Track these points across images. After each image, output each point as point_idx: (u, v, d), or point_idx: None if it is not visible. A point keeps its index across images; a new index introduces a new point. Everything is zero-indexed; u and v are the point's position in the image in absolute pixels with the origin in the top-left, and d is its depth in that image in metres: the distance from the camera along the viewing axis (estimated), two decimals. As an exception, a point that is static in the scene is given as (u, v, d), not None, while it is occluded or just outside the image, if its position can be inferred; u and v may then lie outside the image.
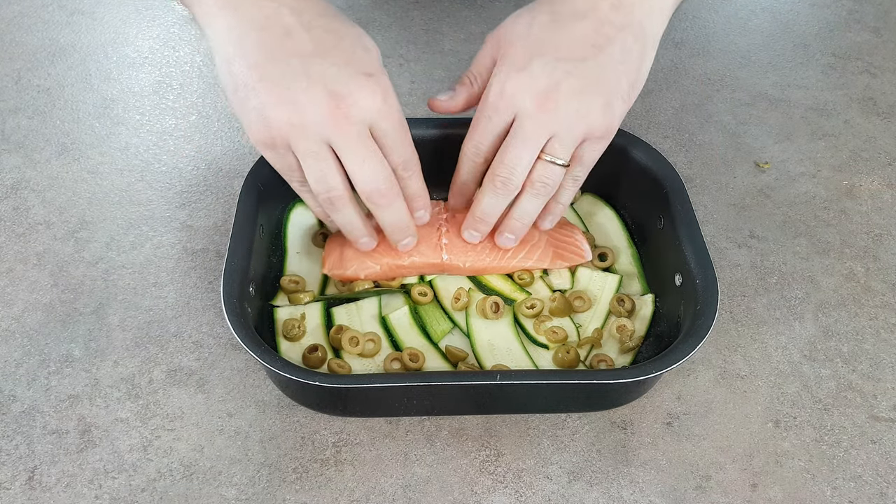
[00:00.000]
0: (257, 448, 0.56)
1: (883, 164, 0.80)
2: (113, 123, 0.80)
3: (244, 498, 0.53)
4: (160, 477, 0.54)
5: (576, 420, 0.58)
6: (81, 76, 0.85)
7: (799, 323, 0.66)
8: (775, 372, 0.62)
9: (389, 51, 0.90)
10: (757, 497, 0.55)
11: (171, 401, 0.58)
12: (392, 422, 0.58)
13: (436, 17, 0.96)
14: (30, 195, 0.72)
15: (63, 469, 0.54)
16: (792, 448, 0.58)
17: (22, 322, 0.63)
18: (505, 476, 0.55)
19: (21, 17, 0.92)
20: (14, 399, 0.58)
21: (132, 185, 0.73)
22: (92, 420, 0.57)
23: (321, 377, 0.51)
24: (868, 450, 0.58)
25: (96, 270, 0.66)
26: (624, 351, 0.60)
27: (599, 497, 0.54)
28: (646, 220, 0.68)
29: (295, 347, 0.59)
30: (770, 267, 0.70)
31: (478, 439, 0.57)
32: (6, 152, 0.76)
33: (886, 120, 0.85)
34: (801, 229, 0.73)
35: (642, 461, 0.56)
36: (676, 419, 0.59)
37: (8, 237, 0.69)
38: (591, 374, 0.56)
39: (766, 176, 0.78)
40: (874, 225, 0.74)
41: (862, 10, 1.01)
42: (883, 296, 0.68)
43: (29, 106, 0.81)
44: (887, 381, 0.62)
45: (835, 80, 0.90)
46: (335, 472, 0.55)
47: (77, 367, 0.60)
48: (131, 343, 0.61)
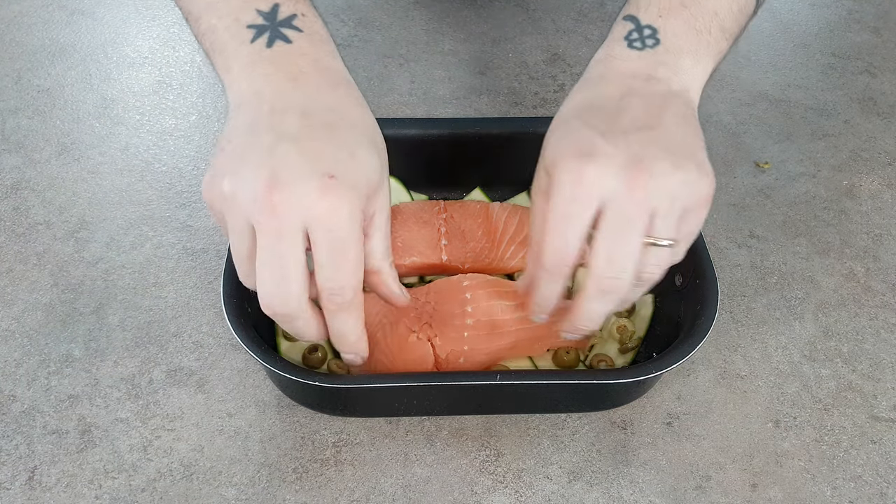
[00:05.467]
0: (257, 448, 0.56)
1: (883, 164, 0.80)
2: (113, 123, 0.80)
3: (244, 498, 0.53)
4: (160, 477, 0.54)
5: (576, 420, 0.58)
6: (81, 76, 0.85)
7: (799, 323, 0.66)
8: (775, 372, 0.62)
9: (389, 51, 0.90)
10: (757, 497, 0.55)
11: (171, 401, 0.58)
12: (392, 422, 0.58)
13: (436, 17, 0.96)
14: (30, 195, 0.72)
15: (63, 469, 0.54)
16: (792, 448, 0.58)
17: (22, 322, 0.63)
18: (505, 476, 0.55)
19: (21, 17, 0.92)
20: (14, 399, 0.58)
21: (132, 185, 0.73)
22: (92, 420, 0.57)
23: (321, 377, 0.51)
24: (868, 450, 0.58)
25: (96, 270, 0.66)
26: (624, 351, 0.60)
27: (599, 497, 0.54)
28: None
29: (295, 348, 0.59)
30: (770, 267, 0.70)
31: (478, 439, 0.57)
32: (6, 152, 0.76)
33: (886, 120, 0.85)
34: (801, 229, 0.73)
35: (642, 461, 0.56)
36: (676, 419, 0.59)
37: (8, 237, 0.69)
38: (591, 374, 0.56)
39: (766, 176, 0.78)
40: (874, 225, 0.74)
41: (862, 10, 1.01)
42: (883, 296, 0.68)
43: (29, 106, 0.81)
44: (887, 381, 0.62)
45: (835, 80, 0.90)
46: (335, 472, 0.55)
47: (77, 367, 0.60)
48: (131, 343, 0.61)
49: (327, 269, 0.46)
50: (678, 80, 0.50)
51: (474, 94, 0.85)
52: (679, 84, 0.50)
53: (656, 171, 0.45)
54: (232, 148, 0.47)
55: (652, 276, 0.48)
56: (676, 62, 0.50)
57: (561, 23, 0.96)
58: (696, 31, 0.51)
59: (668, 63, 0.50)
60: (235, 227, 0.46)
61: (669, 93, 0.49)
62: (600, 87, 0.50)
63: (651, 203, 0.46)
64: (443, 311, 0.57)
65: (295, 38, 0.50)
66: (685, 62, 0.51)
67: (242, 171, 0.45)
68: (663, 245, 0.47)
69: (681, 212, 0.47)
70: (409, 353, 0.56)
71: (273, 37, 0.49)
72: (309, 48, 0.50)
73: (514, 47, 0.92)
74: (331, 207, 0.45)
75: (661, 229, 0.46)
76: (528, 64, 0.90)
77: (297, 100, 0.48)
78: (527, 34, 0.93)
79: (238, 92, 0.49)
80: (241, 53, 0.49)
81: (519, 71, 0.89)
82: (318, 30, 0.51)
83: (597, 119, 0.48)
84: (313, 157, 0.45)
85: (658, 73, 0.50)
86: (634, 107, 0.48)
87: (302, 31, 0.50)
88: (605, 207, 0.46)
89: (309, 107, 0.47)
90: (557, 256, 0.48)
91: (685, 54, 0.51)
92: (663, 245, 0.47)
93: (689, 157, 0.47)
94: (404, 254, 0.62)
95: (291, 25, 0.50)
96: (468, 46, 0.92)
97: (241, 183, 0.45)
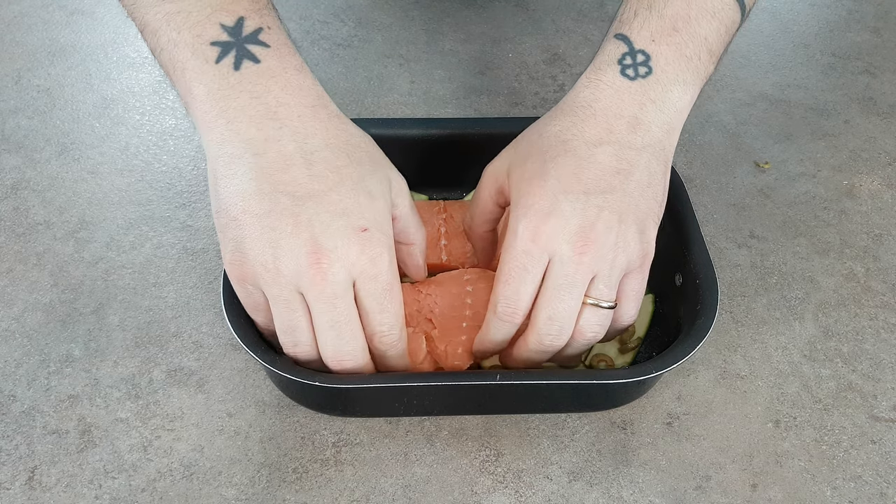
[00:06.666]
0: (257, 448, 0.56)
1: (883, 164, 0.80)
2: (113, 123, 0.80)
3: (244, 498, 0.53)
4: (160, 477, 0.54)
5: (576, 420, 0.58)
6: (81, 76, 0.85)
7: (799, 323, 0.66)
8: (775, 372, 0.62)
9: (389, 51, 0.90)
10: (757, 497, 0.55)
11: (171, 401, 0.58)
12: (392, 422, 0.58)
13: (436, 17, 0.96)
14: (30, 195, 0.72)
15: (63, 469, 0.54)
16: (792, 448, 0.58)
17: (22, 322, 0.63)
18: (505, 476, 0.55)
19: (21, 17, 0.92)
20: (14, 399, 0.58)
21: (132, 185, 0.73)
22: (92, 420, 0.57)
23: (321, 377, 0.51)
24: (868, 450, 0.58)
25: (96, 270, 0.66)
26: (624, 351, 0.60)
27: (599, 497, 0.54)
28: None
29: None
30: (770, 267, 0.70)
31: (478, 439, 0.57)
32: (6, 152, 0.76)
33: (886, 120, 0.85)
34: (801, 229, 0.73)
35: (642, 461, 0.56)
36: (676, 419, 0.59)
37: (8, 237, 0.69)
38: (591, 374, 0.56)
39: (766, 176, 0.78)
40: (874, 225, 0.74)
41: (862, 10, 1.01)
42: (883, 296, 0.68)
43: (29, 106, 0.81)
44: (887, 381, 0.62)
45: (835, 80, 0.90)
46: (335, 472, 0.55)
47: (77, 367, 0.60)
48: (131, 343, 0.61)
49: (378, 315, 0.49)
50: (662, 119, 0.52)
51: (474, 94, 0.85)
52: (661, 127, 0.52)
53: (602, 240, 0.49)
54: (251, 217, 0.46)
55: (595, 335, 0.52)
56: (665, 95, 0.52)
57: (561, 23, 0.96)
58: (687, 58, 0.52)
59: (657, 99, 0.52)
60: (280, 297, 0.47)
61: (645, 146, 0.51)
62: (582, 123, 0.52)
63: (593, 267, 0.49)
64: (444, 303, 0.57)
65: (263, 55, 0.48)
66: (674, 93, 0.52)
67: (279, 242, 0.46)
68: (604, 306, 0.51)
69: (621, 275, 0.51)
70: None
71: (240, 56, 0.48)
72: (279, 67, 0.48)
73: (514, 47, 0.92)
74: (372, 259, 0.47)
75: (602, 291, 0.50)
76: (528, 64, 0.90)
77: (290, 145, 0.47)
78: (527, 34, 0.93)
79: (219, 135, 0.48)
80: (206, 75, 0.48)
81: (519, 71, 0.89)
82: (285, 41, 0.50)
83: (564, 168, 0.50)
84: (340, 213, 0.47)
85: (644, 116, 0.51)
86: (603, 160, 0.50)
87: (269, 46, 0.48)
88: (552, 266, 0.49)
89: (305, 150, 0.47)
90: (509, 306, 0.51)
91: (675, 84, 0.52)
92: (604, 306, 0.51)
93: (635, 223, 0.50)
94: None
95: (258, 41, 0.48)
96: (468, 46, 0.92)
97: (282, 256, 0.46)
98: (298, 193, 0.46)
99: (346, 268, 0.46)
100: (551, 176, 0.50)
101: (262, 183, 0.46)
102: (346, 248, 0.46)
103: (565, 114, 0.53)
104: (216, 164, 0.48)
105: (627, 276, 0.52)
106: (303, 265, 0.46)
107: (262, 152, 0.47)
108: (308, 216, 0.46)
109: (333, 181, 0.47)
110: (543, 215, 0.49)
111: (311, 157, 0.47)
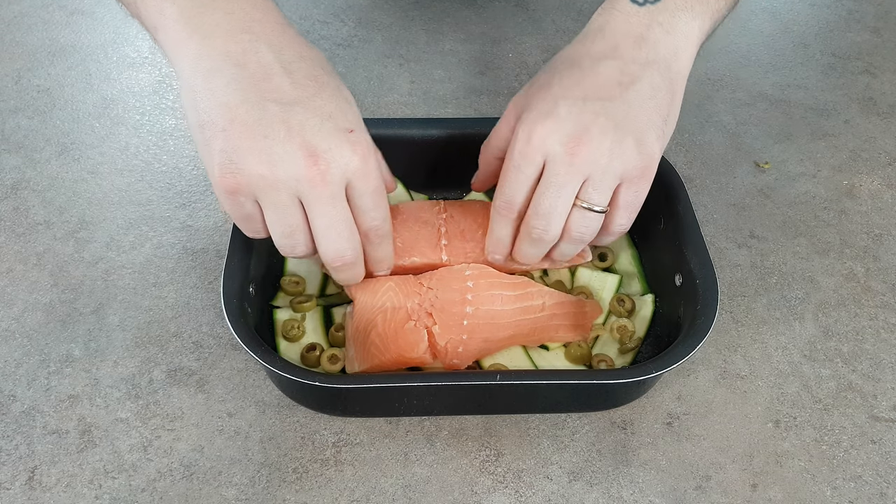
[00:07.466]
0: (257, 448, 0.56)
1: (883, 164, 0.80)
2: (113, 123, 0.80)
3: (244, 498, 0.53)
4: (160, 477, 0.54)
5: (576, 420, 0.58)
6: (81, 76, 0.85)
7: (799, 323, 0.66)
8: (775, 372, 0.62)
9: (389, 51, 0.90)
10: (757, 497, 0.55)
11: (171, 401, 0.58)
12: (392, 422, 0.58)
13: (436, 17, 0.96)
14: (30, 195, 0.72)
15: (63, 469, 0.54)
16: (792, 448, 0.58)
17: (22, 322, 0.63)
18: (505, 476, 0.55)
19: (21, 17, 0.92)
20: (14, 399, 0.58)
21: (132, 185, 0.73)
22: (92, 420, 0.57)
23: (321, 377, 0.51)
24: (868, 450, 0.58)
25: (96, 270, 0.66)
26: (624, 351, 0.60)
27: (599, 497, 0.54)
28: (646, 220, 0.67)
29: (294, 347, 0.59)
30: (770, 267, 0.70)
31: (478, 439, 0.57)
32: (6, 152, 0.76)
33: (886, 120, 0.85)
34: (801, 229, 0.73)
35: (642, 461, 0.56)
36: (676, 419, 0.59)
37: (8, 237, 0.69)
38: (591, 374, 0.56)
39: (766, 176, 0.78)
40: (874, 225, 0.74)
41: (862, 10, 1.01)
42: (883, 296, 0.68)
43: (29, 106, 0.81)
44: (887, 381, 0.62)
45: (835, 80, 0.90)
46: (335, 472, 0.55)
47: (77, 367, 0.60)
48: (131, 343, 0.61)
49: (371, 211, 0.52)
50: (669, 40, 0.54)
51: (474, 94, 0.85)
52: (668, 47, 0.54)
53: (595, 144, 0.51)
54: (240, 126, 0.47)
55: (581, 236, 0.55)
56: (672, 19, 0.54)
57: (561, 23, 0.96)
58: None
59: (664, 22, 0.54)
60: (279, 203, 0.49)
61: (649, 61, 0.53)
62: (591, 43, 0.55)
63: (584, 170, 0.51)
64: (444, 299, 0.57)
65: None
66: (682, 19, 0.54)
67: (274, 149, 0.47)
68: (595, 210, 0.53)
69: (615, 183, 0.52)
70: (403, 338, 0.56)
71: None
72: None
73: (514, 47, 0.92)
74: (363, 157, 0.49)
75: (592, 196, 0.52)
76: (528, 64, 0.90)
77: (268, 55, 0.49)
78: (527, 34, 0.93)
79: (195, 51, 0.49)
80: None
81: (519, 71, 0.89)
82: None
83: (568, 79, 0.53)
84: (327, 116, 0.49)
85: (650, 34, 0.54)
86: (605, 72, 0.53)
87: None
88: (546, 165, 0.52)
89: (283, 60, 0.49)
90: (505, 201, 0.54)
91: (682, 11, 0.54)
92: (595, 210, 0.53)
93: (633, 133, 0.51)
94: (404, 253, 0.62)
95: None
96: (468, 46, 0.92)
97: (278, 162, 0.47)
98: (285, 100, 0.48)
99: (341, 168, 0.48)
100: (554, 84, 0.53)
101: (248, 93, 0.47)
102: (340, 148, 0.48)
103: (578, 40, 0.56)
104: (193, 80, 0.48)
105: (623, 185, 0.53)
106: (301, 169, 0.47)
107: (242, 64, 0.48)
108: (298, 121, 0.47)
109: (314, 88, 0.49)
110: (541, 118, 0.52)
111: (290, 67, 0.49)
